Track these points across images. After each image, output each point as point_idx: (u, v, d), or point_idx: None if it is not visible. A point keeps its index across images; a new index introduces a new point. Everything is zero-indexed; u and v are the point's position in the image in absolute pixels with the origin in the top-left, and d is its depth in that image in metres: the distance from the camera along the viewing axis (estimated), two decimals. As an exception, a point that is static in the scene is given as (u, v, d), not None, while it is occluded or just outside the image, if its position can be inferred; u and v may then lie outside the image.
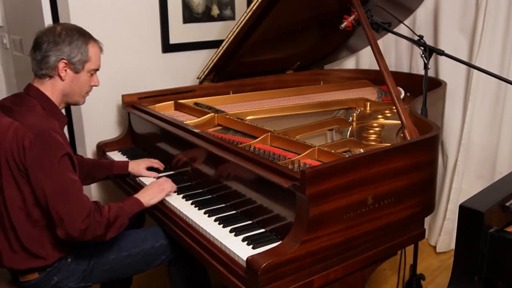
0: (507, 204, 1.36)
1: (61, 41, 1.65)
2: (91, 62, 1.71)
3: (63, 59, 1.65)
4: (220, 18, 3.02)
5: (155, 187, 1.83)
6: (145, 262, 1.84)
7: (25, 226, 1.62)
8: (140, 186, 2.04)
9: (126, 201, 1.74)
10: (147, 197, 1.79)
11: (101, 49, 1.77)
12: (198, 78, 2.64)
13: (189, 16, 2.89)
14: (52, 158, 1.53)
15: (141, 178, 2.07)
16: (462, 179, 2.84)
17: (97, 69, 1.77)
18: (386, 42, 3.07)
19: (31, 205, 1.60)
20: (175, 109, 2.49)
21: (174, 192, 1.89)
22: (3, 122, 1.60)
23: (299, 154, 1.78)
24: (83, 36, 1.70)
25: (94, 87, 1.80)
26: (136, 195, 1.79)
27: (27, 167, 1.54)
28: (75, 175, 1.61)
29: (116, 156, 2.37)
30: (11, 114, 1.63)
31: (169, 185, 1.86)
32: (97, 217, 1.58)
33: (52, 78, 1.68)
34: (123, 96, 2.45)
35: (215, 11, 3.00)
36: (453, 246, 2.87)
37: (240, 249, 1.48)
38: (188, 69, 2.92)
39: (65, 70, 1.67)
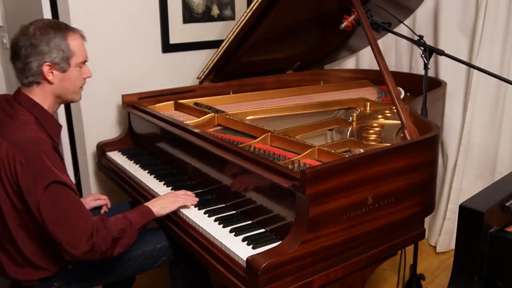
0: (507, 204, 1.36)
1: (38, 43, 1.53)
2: (76, 56, 1.60)
3: (46, 62, 1.55)
4: (220, 18, 3.02)
5: (169, 197, 1.74)
6: (146, 264, 1.84)
7: (25, 240, 1.58)
8: (141, 187, 2.04)
9: (135, 210, 1.65)
10: (159, 206, 1.69)
11: (83, 38, 1.64)
12: (198, 78, 2.64)
13: (189, 16, 2.89)
14: (44, 186, 1.45)
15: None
16: (462, 179, 2.84)
17: (86, 61, 1.65)
18: (386, 42, 3.07)
19: (28, 221, 1.54)
20: (175, 109, 2.49)
21: (194, 206, 1.76)
22: None
23: (299, 154, 1.78)
24: (59, 30, 1.57)
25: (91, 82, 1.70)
26: (147, 203, 1.71)
27: (23, 192, 1.47)
28: (70, 195, 1.50)
29: (116, 156, 2.37)
30: (1, 129, 1.54)
31: (184, 197, 1.75)
32: (102, 231, 1.50)
33: (40, 84, 1.59)
34: (123, 96, 2.45)
35: (215, 11, 3.00)
36: (453, 246, 2.87)
37: (240, 249, 1.48)
38: (188, 69, 2.92)
39: (51, 73, 1.57)
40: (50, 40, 1.55)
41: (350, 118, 2.25)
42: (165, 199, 1.75)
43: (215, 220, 1.67)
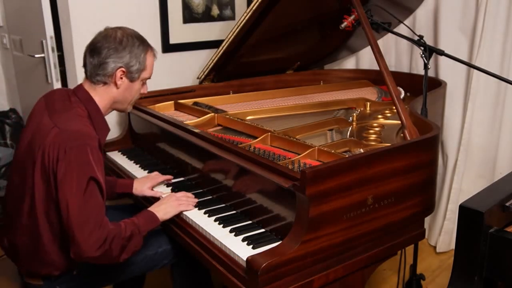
0: (507, 204, 1.36)
1: (121, 49, 1.62)
2: (146, 71, 1.70)
3: (122, 67, 1.63)
4: (220, 18, 3.02)
5: (171, 201, 1.75)
6: (147, 267, 1.83)
7: (46, 231, 1.58)
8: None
9: (141, 217, 1.66)
10: (162, 212, 1.71)
11: (155, 57, 1.75)
12: (198, 78, 2.64)
13: (189, 16, 2.89)
14: (80, 179, 1.47)
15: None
16: (462, 179, 2.84)
17: (149, 78, 1.75)
18: (386, 42, 3.07)
19: (53, 211, 1.55)
20: (175, 109, 2.49)
21: (194, 206, 1.78)
22: (45, 123, 1.57)
23: (299, 154, 1.78)
24: (143, 44, 1.68)
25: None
26: (150, 208, 1.72)
27: (58, 179, 1.49)
28: (99, 197, 1.53)
29: (116, 156, 2.37)
30: (54, 115, 1.59)
31: (186, 202, 1.76)
32: (117, 240, 1.51)
33: (106, 85, 1.65)
34: (123, 96, 2.45)
35: (215, 11, 3.00)
36: (453, 246, 2.87)
37: (240, 249, 1.48)
38: (188, 69, 2.92)
39: (122, 78, 1.65)
40: (133, 49, 1.64)
41: (350, 118, 2.25)
42: (167, 203, 1.74)
43: (215, 220, 1.67)
